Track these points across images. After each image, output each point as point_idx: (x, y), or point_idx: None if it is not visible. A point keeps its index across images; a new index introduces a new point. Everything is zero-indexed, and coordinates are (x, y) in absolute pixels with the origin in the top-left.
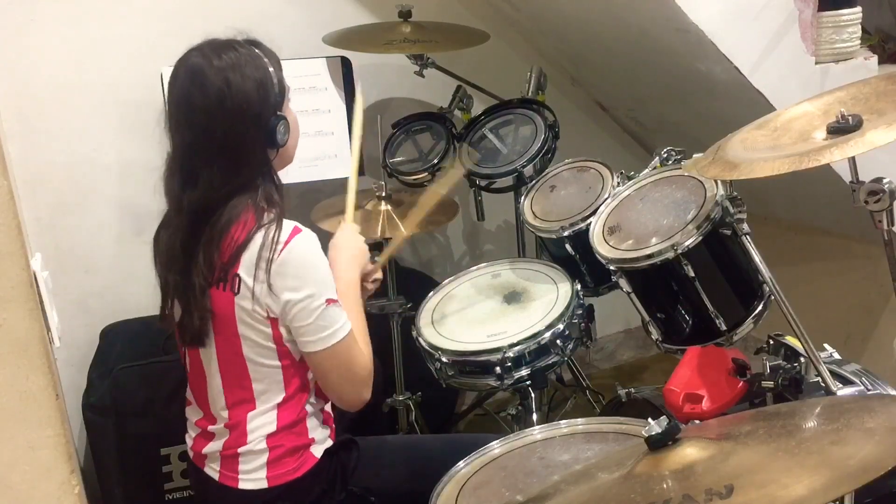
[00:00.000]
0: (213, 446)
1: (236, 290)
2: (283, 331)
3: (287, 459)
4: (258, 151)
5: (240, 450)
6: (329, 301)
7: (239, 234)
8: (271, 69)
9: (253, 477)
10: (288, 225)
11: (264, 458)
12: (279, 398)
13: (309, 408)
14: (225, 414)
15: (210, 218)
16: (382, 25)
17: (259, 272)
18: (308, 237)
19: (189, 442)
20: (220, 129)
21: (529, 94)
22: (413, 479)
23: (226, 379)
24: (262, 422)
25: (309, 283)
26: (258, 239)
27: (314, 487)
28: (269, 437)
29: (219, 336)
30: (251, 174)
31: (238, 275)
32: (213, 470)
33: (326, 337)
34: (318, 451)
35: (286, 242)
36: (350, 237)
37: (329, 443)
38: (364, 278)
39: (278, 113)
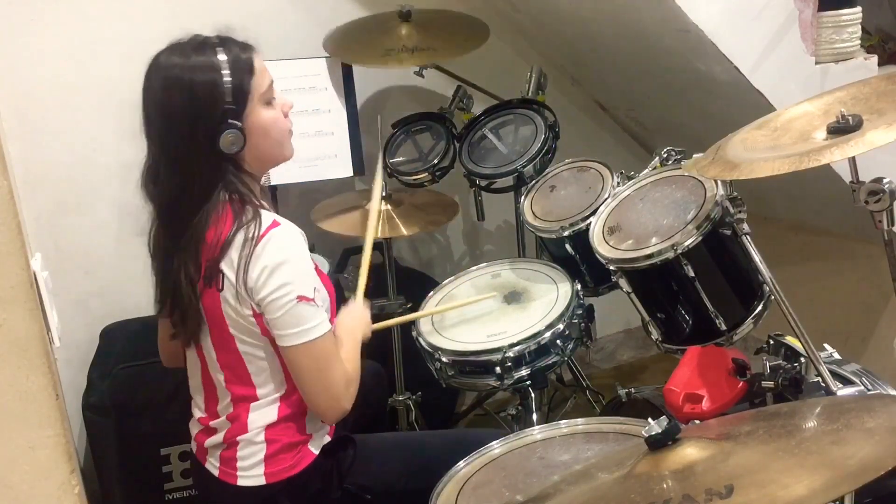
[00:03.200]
0: (214, 439)
1: (220, 287)
2: (269, 326)
3: (284, 455)
4: (207, 162)
5: (238, 438)
6: (301, 298)
7: (220, 233)
8: (224, 78)
9: (251, 473)
10: (267, 218)
11: (262, 453)
12: (281, 391)
13: None
14: (229, 407)
15: (188, 219)
16: (382, 25)
17: (239, 269)
18: (286, 231)
19: (192, 434)
20: (170, 140)
21: (529, 94)
22: (409, 476)
23: (227, 375)
24: (263, 413)
25: (281, 275)
26: (239, 237)
27: (311, 485)
28: (269, 428)
29: (213, 334)
30: (206, 182)
31: (222, 271)
32: (213, 466)
33: (298, 333)
34: (315, 447)
35: (261, 236)
36: (359, 308)
37: (326, 440)
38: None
39: (230, 121)
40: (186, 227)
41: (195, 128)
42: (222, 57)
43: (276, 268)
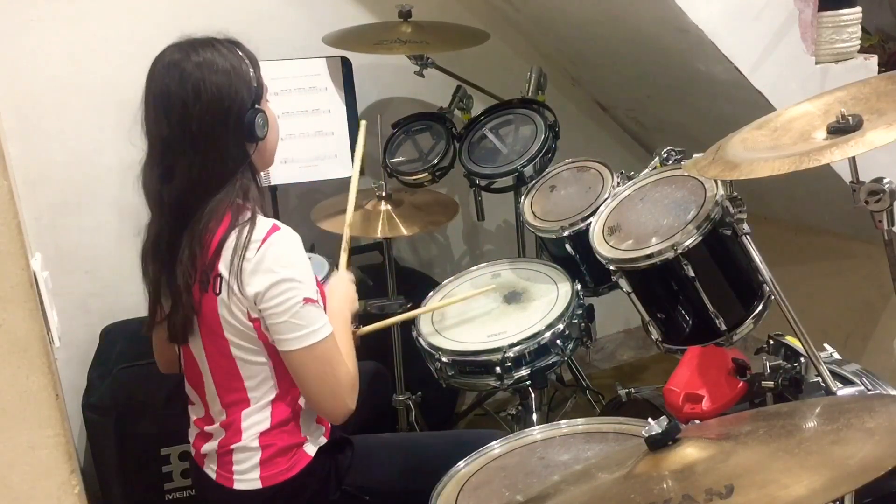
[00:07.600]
0: (211, 446)
1: (217, 291)
2: (266, 332)
3: (279, 459)
4: (234, 145)
5: (233, 446)
6: (307, 300)
7: (218, 234)
8: (249, 68)
9: (247, 478)
10: (266, 223)
11: (257, 457)
12: (272, 395)
13: (303, 403)
14: (222, 413)
15: (192, 215)
16: (383, 25)
17: (234, 270)
18: (286, 235)
19: (191, 439)
20: (196, 122)
21: (529, 94)
22: (407, 478)
23: (218, 379)
24: (256, 419)
25: (284, 279)
26: (233, 238)
27: (308, 487)
28: (263, 434)
29: (206, 337)
30: (228, 168)
31: (220, 275)
32: (210, 470)
33: (303, 336)
34: (311, 449)
35: (262, 240)
36: (343, 282)
37: (323, 441)
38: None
39: (256, 106)
40: (199, 220)
41: (232, 108)
42: (239, 51)
43: (282, 272)
